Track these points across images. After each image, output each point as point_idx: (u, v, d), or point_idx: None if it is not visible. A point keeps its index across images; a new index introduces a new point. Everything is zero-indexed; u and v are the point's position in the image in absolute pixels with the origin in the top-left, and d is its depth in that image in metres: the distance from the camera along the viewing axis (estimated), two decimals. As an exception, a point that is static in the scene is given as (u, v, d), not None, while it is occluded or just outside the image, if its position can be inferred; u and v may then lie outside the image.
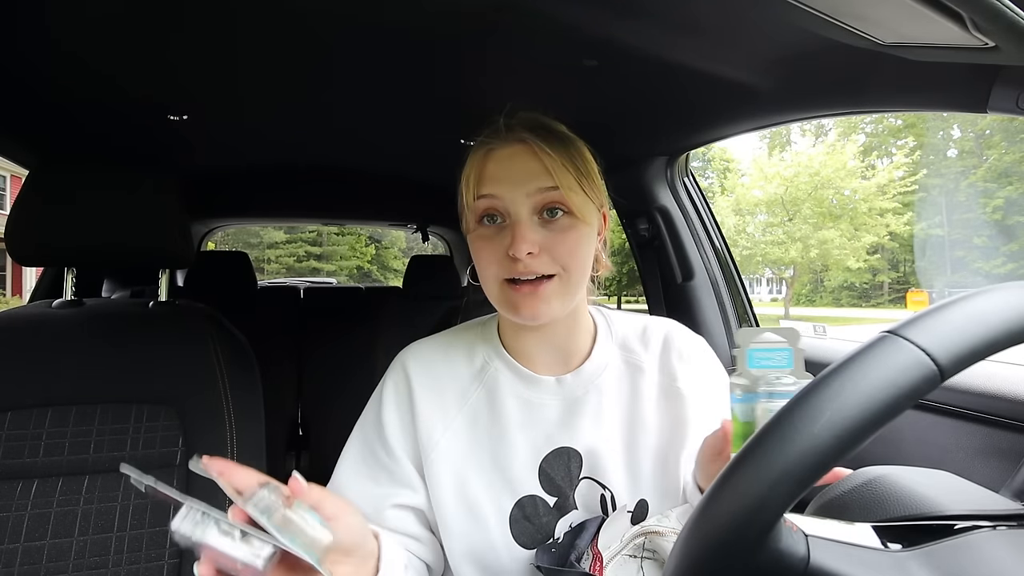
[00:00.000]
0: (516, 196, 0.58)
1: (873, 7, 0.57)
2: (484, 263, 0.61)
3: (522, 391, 0.65)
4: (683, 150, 1.31)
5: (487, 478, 0.63)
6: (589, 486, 0.63)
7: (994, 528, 0.37)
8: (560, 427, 0.64)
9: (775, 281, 18.10)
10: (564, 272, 0.59)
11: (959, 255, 14.22)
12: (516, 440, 0.63)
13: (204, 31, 0.87)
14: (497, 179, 0.59)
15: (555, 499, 0.63)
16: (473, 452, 0.64)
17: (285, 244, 21.13)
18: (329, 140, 1.53)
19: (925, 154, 15.03)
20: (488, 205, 0.60)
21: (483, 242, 0.61)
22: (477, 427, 0.64)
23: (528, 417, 0.64)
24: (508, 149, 0.60)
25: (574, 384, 0.65)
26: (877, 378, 0.30)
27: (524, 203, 0.59)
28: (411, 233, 2.64)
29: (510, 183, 0.59)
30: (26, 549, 0.75)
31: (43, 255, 0.89)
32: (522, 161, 0.59)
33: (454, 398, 0.65)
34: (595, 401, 0.65)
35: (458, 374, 0.67)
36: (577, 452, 0.63)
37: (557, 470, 0.63)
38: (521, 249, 0.56)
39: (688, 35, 0.80)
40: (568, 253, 0.59)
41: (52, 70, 0.99)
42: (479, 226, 0.61)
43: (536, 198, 0.59)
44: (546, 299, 0.58)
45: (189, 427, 0.85)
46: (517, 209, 0.59)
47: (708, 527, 0.31)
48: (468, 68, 1.00)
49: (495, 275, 0.60)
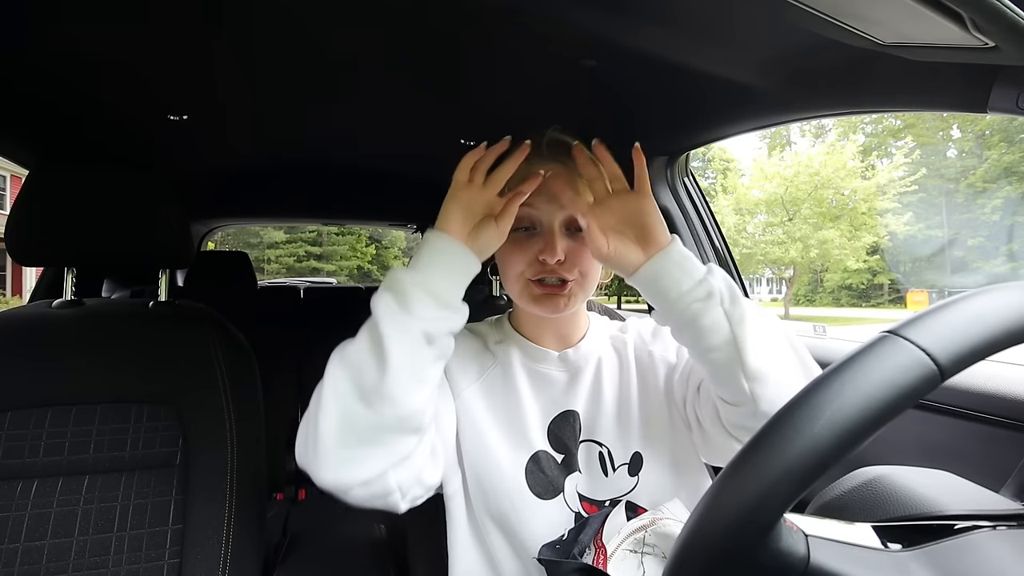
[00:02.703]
0: (552, 209, 0.67)
1: (873, 7, 0.57)
2: (513, 263, 0.70)
3: (531, 364, 0.75)
4: (683, 150, 1.31)
5: (503, 433, 0.71)
6: (588, 448, 0.72)
7: (994, 528, 0.37)
8: (564, 393, 0.74)
9: (775, 281, 18.12)
10: (581, 278, 0.69)
11: (958, 255, 14.23)
12: (528, 405, 0.72)
13: (204, 31, 0.87)
14: (536, 193, 0.66)
15: (562, 456, 0.71)
16: (489, 411, 0.72)
17: (285, 244, 21.12)
18: (329, 140, 1.53)
19: (925, 154, 15.04)
20: (524, 213, 0.67)
21: (515, 245, 0.69)
22: (493, 394, 0.73)
23: (537, 386, 0.74)
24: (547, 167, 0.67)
25: (575, 357, 0.76)
26: (877, 378, 0.30)
27: (558, 216, 0.68)
28: (411, 233, 2.64)
29: (547, 198, 0.67)
30: (26, 549, 0.76)
31: (43, 255, 0.89)
32: (562, 181, 0.66)
33: (475, 369, 0.75)
34: (592, 371, 0.76)
35: (477, 351, 0.77)
36: (578, 413, 0.73)
37: (564, 430, 0.72)
38: (554, 256, 0.66)
39: (688, 35, 0.80)
40: (588, 263, 0.69)
41: (52, 70, 0.99)
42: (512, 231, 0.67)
43: (566, 213, 0.68)
44: (567, 298, 0.69)
45: (189, 427, 0.85)
46: (551, 221, 0.68)
47: (708, 526, 0.31)
48: (468, 68, 1.00)
49: (522, 274, 0.69)
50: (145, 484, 0.82)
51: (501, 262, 0.72)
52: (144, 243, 0.91)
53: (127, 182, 0.90)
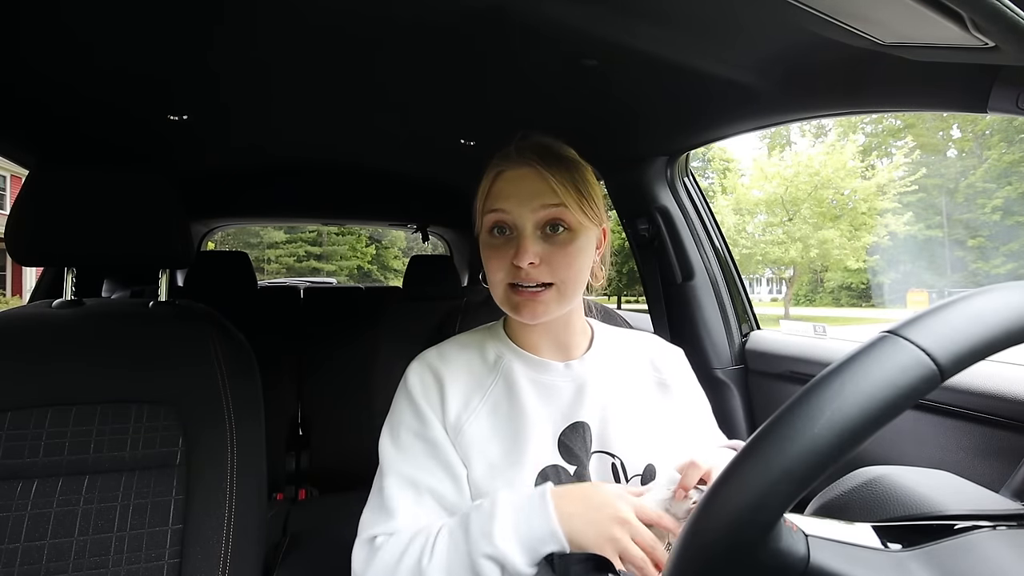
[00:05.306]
0: (523, 212, 0.67)
1: (873, 7, 0.57)
2: (492, 269, 0.70)
3: (535, 376, 0.74)
4: (683, 150, 1.31)
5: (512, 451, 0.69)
6: (600, 459, 0.70)
7: (994, 528, 0.37)
8: (573, 405, 0.72)
9: (775, 281, 18.11)
10: (561, 283, 0.68)
11: (959, 255, 14.22)
12: (535, 417, 0.70)
13: (204, 31, 0.87)
14: (506, 196, 0.68)
15: (574, 467, 0.70)
16: (496, 433, 0.70)
17: (285, 244, 21.11)
18: (329, 140, 1.53)
19: (925, 154, 15.03)
20: (498, 218, 0.68)
21: (492, 250, 0.70)
22: (498, 412, 0.72)
23: (544, 397, 0.72)
24: (518, 171, 0.68)
25: (581, 369, 0.74)
26: (877, 378, 0.30)
27: (529, 218, 0.67)
28: (411, 233, 2.64)
29: (517, 200, 0.67)
30: (26, 549, 0.75)
31: (43, 255, 0.89)
32: (530, 182, 0.67)
33: (476, 390, 0.73)
34: (600, 383, 0.74)
35: (476, 369, 0.75)
36: (589, 425, 0.72)
37: (574, 441, 0.71)
38: (524, 259, 0.65)
39: (688, 35, 0.80)
40: (566, 266, 0.68)
41: (52, 70, 0.99)
42: (489, 236, 0.70)
43: (540, 214, 0.67)
44: (544, 303, 0.68)
45: (189, 427, 0.85)
46: (523, 223, 0.67)
47: (708, 527, 0.31)
48: (468, 68, 1.00)
49: (501, 280, 0.69)
50: (145, 484, 0.82)
51: (486, 270, 0.72)
52: (144, 243, 0.91)
53: (127, 182, 0.90)
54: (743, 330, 1.40)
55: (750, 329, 1.41)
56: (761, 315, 1.45)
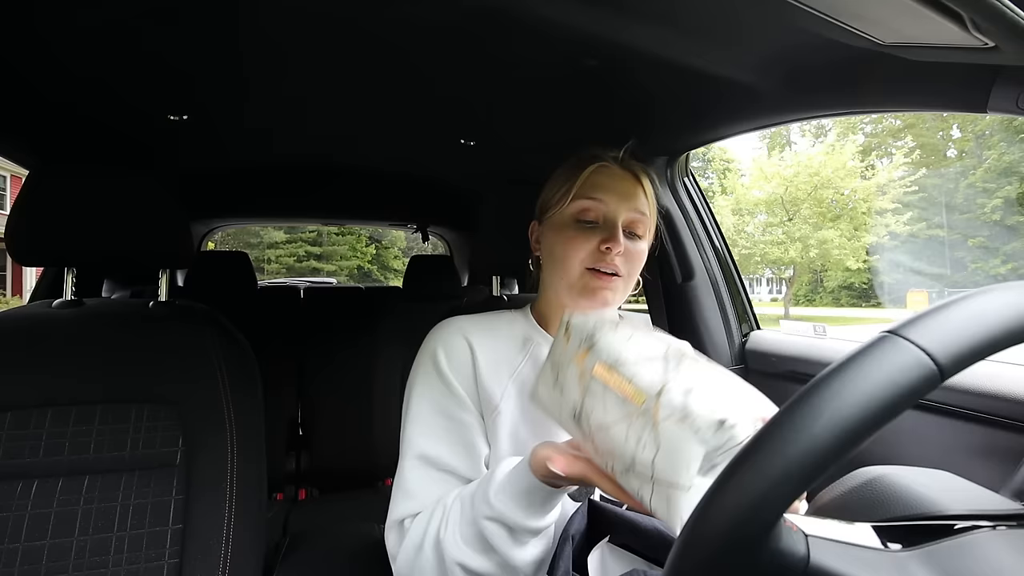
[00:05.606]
0: (620, 206, 0.75)
1: (873, 7, 0.57)
2: (573, 251, 0.74)
3: None
4: (683, 150, 1.31)
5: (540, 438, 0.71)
6: None
7: (994, 528, 0.37)
8: None
9: (775, 281, 18.11)
10: (628, 277, 0.75)
11: (958, 255, 14.22)
12: None
13: (204, 31, 0.87)
14: (607, 189, 0.75)
15: None
16: (525, 415, 0.73)
17: (285, 244, 21.12)
18: (329, 140, 1.53)
19: (925, 154, 15.03)
20: (591, 206, 0.75)
21: (576, 233, 0.74)
22: (526, 394, 0.74)
23: None
24: (622, 172, 0.77)
25: None
26: (877, 378, 0.30)
27: (623, 214, 0.75)
28: (411, 233, 2.64)
29: (617, 196, 0.75)
30: (26, 549, 0.75)
31: (43, 255, 0.89)
32: (631, 185, 0.77)
33: (506, 367, 0.76)
34: None
35: (506, 345, 0.78)
36: None
37: None
38: (617, 246, 0.72)
39: (688, 35, 0.80)
40: (635, 264, 0.76)
41: (52, 70, 0.99)
42: (573, 222, 0.75)
43: (630, 215, 0.75)
44: (613, 291, 0.74)
45: (189, 427, 0.85)
46: (617, 216, 0.74)
47: (708, 527, 0.31)
48: (468, 68, 1.00)
49: (581, 261, 0.73)
50: (145, 484, 0.82)
51: (561, 251, 0.75)
52: (144, 243, 0.91)
53: (127, 182, 0.90)
54: (743, 330, 1.40)
55: (750, 329, 1.41)
56: (761, 315, 1.45)
